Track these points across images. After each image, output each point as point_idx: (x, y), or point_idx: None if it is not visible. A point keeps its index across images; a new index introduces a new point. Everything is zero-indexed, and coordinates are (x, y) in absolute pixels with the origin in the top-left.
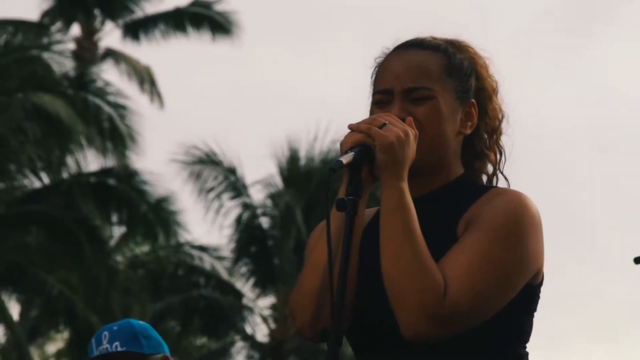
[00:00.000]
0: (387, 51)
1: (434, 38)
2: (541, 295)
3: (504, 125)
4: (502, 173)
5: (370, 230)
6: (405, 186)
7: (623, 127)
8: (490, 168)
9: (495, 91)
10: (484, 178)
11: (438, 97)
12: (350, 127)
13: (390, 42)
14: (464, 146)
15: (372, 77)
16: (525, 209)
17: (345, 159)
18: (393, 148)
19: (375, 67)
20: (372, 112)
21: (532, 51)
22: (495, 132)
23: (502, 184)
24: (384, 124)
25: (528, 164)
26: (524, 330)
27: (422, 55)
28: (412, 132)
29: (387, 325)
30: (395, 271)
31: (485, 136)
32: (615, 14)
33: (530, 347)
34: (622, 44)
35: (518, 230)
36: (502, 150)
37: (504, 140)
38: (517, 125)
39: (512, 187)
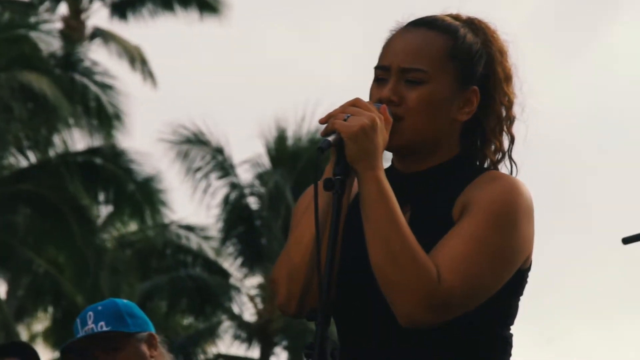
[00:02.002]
0: (400, 25)
1: (455, 16)
2: (529, 279)
3: (515, 112)
4: (511, 159)
5: (354, 207)
6: (381, 174)
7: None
8: (498, 154)
9: (508, 77)
10: (489, 162)
11: (432, 81)
12: (320, 122)
13: (404, 16)
14: (472, 129)
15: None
16: (519, 196)
17: (333, 139)
18: (358, 138)
19: (386, 39)
20: (372, 88)
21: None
22: (503, 119)
23: (507, 169)
24: (349, 116)
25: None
26: (511, 313)
27: (426, 35)
28: (379, 118)
29: (372, 307)
30: (385, 262)
31: (494, 122)
32: (621, 3)
33: (525, 329)
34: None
35: (513, 218)
36: (512, 137)
37: (518, 126)
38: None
39: (511, 173)
